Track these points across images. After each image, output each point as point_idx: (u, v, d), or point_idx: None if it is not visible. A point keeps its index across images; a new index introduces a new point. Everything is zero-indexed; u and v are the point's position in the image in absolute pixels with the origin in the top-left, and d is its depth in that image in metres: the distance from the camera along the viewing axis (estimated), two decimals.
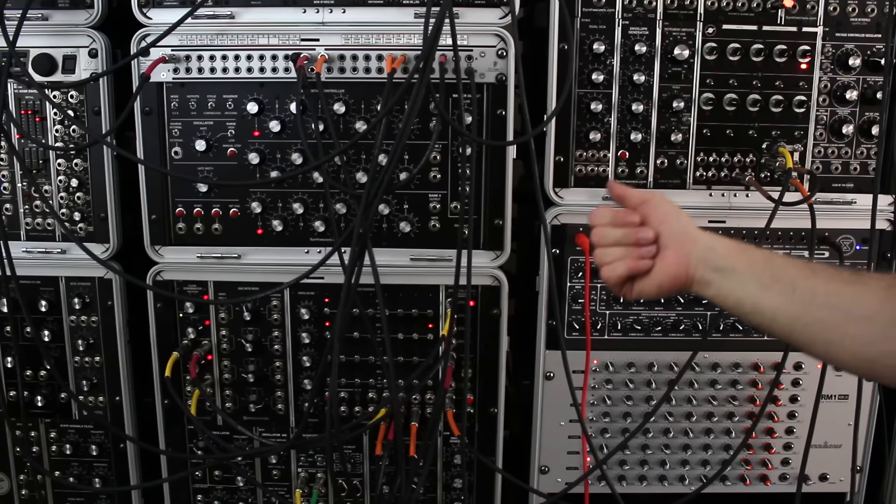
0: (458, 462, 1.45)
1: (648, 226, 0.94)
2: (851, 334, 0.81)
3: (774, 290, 0.86)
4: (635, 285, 0.95)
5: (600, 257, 0.96)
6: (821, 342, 0.84)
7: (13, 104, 1.33)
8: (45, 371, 1.42)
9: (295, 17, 1.31)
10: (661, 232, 0.94)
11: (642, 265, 0.93)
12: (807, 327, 0.85)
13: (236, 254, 1.38)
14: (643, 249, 0.93)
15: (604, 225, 0.97)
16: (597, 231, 0.97)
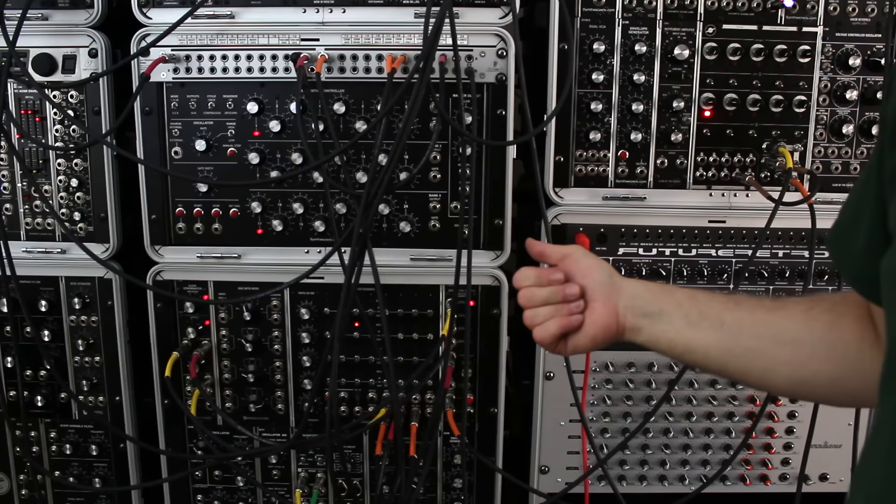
0: (458, 462, 1.45)
1: (573, 281, 0.94)
2: (782, 360, 0.84)
3: (703, 327, 0.88)
4: (569, 341, 0.95)
5: (530, 319, 0.95)
6: (755, 371, 0.86)
7: (13, 104, 1.33)
8: (45, 371, 1.42)
9: (295, 17, 1.31)
10: (585, 286, 0.94)
11: (573, 321, 0.93)
12: (739, 358, 0.86)
13: (236, 254, 1.38)
14: (572, 305, 0.93)
15: (529, 286, 0.96)
16: (522, 294, 0.96)
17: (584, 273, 0.94)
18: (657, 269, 1.39)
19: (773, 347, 0.84)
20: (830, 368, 0.82)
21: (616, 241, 1.38)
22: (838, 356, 0.81)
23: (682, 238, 1.39)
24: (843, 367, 0.81)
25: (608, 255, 1.38)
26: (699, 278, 1.39)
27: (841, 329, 0.81)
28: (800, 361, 0.83)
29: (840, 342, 0.81)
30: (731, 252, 1.39)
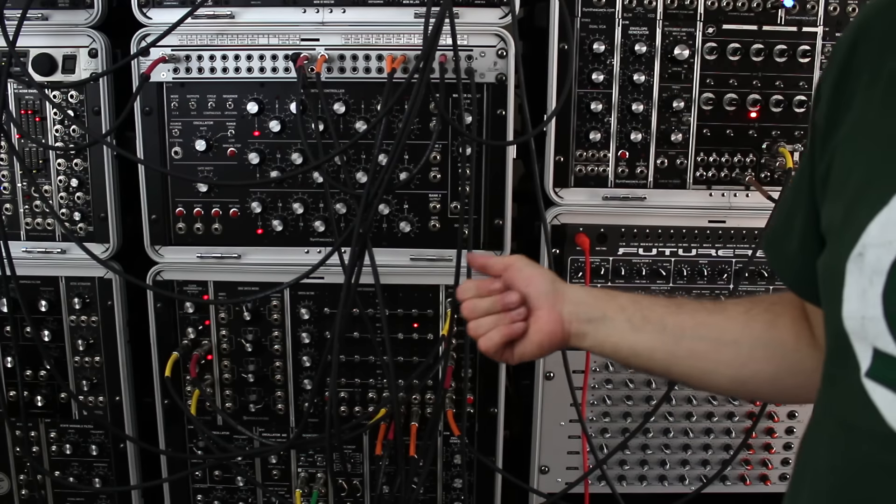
0: (458, 462, 1.45)
1: (516, 290, 0.95)
2: (723, 360, 0.86)
3: (647, 331, 0.90)
4: (515, 349, 0.96)
5: (474, 330, 0.96)
6: (697, 372, 0.89)
7: (13, 104, 1.33)
8: (45, 371, 1.42)
9: (295, 17, 1.31)
10: (529, 294, 0.95)
11: (516, 329, 0.94)
12: (682, 360, 0.89)
13: (236, 254, 1.38)
14: (513, 313, 0.94)
15: (470, 298, 0.97)
16: (465, 306, 0.97)
17: (527, 282, 0.95)
18: (657, 269, 1.39)
19: (714, 349, 0.87)
20: (770, 368, 0.84)
21: (616, 241, 1.38)
22: (777, 356, 0.84)
23: (682, 238, 1.39)
24: (782, 366, 0.84)
25: (608, 255, 1.39)
26: (699, 278, 1.39)
27: (778, 329, 0.84)
28: (740, 362, 0.85)
29: (778, 342, 0.84)
30: (731, 252, 1.39)
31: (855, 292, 0.57)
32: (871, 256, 0.56)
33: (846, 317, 0.58)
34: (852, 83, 0.65)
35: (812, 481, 0.64)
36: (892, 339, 0.55)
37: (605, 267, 1.39)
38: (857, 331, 0.57)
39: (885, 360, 0.55)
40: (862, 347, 0.57)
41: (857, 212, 0.58)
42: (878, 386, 0.56)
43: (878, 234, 0.56)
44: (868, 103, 0.62)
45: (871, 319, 0.55)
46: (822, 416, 0.63)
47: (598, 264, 1.38)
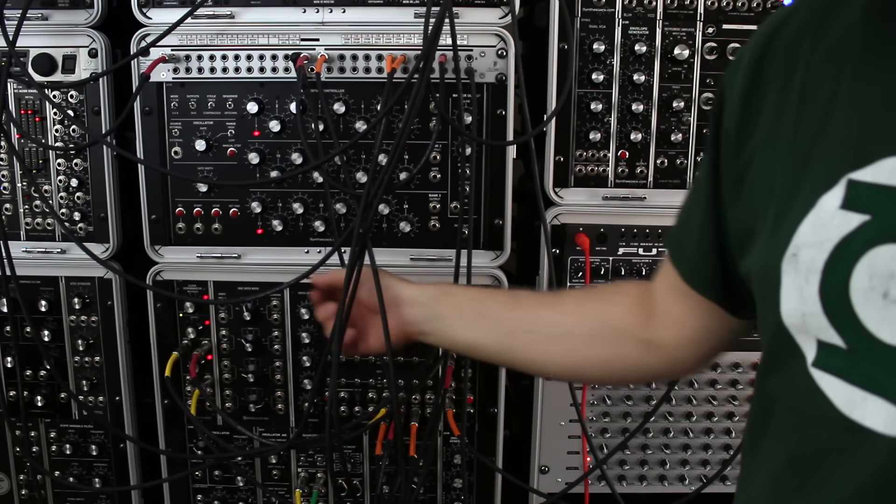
0: (458, 462, 1.45)
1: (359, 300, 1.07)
2: (556, 350, 0.95)
3: (481, 327, 0.99)
4: (359, 347, 1.09)
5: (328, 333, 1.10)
6: (532, 362, 0.98)
7: (13, 104, 1.33)
8: (45, 371, 1.42)
9: (295, 17, 1.32)
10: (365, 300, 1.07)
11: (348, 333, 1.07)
12: (518, 352, 0.98)
13: (236, 254, 1.38)
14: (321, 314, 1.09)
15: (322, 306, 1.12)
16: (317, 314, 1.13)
17: (369, 291, 1.07)
18: (657, 269, 1.39)
19: (546, 341, 0.95)
20: (599, 355, 0.93)
21: (616, 241, 1.38)
22: (607, 343, 0.92)
23: None
24: (613, 351, 0.92)
25: (608, 255, 1.39)
26: None
27: (610, 317, 0.92)
28: (571, 350, 0.94)
29: (610, 330, 0.92)
30: None
31: (792, 291, 0.60)
32: (804, 256, 0.59)
33: (785, 314, 0.61)
34: (762, 89, 0.69)
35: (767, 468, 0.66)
36: (835, 331, 0.58)
37: (605, 267, 1.39)
38: (798, 326, 0.61)
39: (830, 350, 0.58)
40: (805, 340, 0.60)
41: (787, 216, 0.62)
42: (825, 374, 0.59)
43: (809, 236, 0.59)
44: (783, 111, 0.66)
45: (812, 315, 0.59)
46: (770, 403, 0.66)
47: (598, 264, 1.38)
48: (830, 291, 0.58)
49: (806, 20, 0.67)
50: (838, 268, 0.57)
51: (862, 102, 0.60)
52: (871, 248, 0.56)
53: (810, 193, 0.60)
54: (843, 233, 0.57)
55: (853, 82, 0.61)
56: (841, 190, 0.58)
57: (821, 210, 0.59)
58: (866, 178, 0.57)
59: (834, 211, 0.58)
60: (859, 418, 0.56)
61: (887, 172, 0.56)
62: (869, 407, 0.55)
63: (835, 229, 0.58)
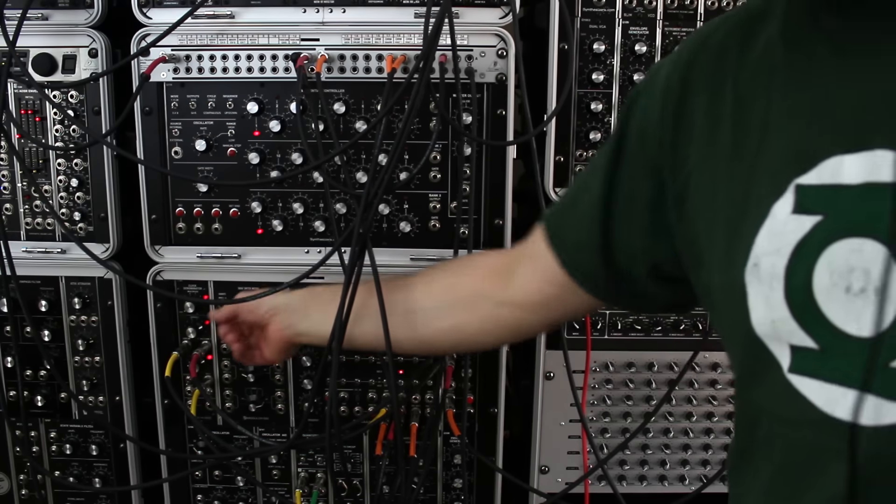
0: (458, 462, 1.45)
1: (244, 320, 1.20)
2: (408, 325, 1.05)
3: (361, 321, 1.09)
4: (255, 356, 1.21)
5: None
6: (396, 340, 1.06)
7: (13, 104, 1.33)
8: (45, 371, 1.42)
9: (295, 17, 1.31)
10: (259, 315, 1.17)
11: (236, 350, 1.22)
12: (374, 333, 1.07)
13: (236, 254, 1.38)
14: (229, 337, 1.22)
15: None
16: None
17: (251, 309, 1.18)
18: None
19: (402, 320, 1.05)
20: (448, 324, 1.02)
21: None
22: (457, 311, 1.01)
23: None
24: (463, 319, 1.01)
25: None
26: None
27: (457, 289, 1.02)
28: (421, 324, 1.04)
29: (460, 299, 1.01)
30: None
31: (759, 300, 0.62)
32: (765, 265, 0.61)
33: (756, 324, 0.62)
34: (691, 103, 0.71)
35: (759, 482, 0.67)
36: (805, 334, 0.59)
37: None
38: (769, 334, 0.62)
39: (804, 353, 0.60)
40: (778, 347, 0.62)
41: (742, 229, 0.63)
42: (802, 378, 0.60)
43: (767, 244, 0.61)
44: (716, 127, 0.68)
45: (781, 321, 0.60)
46: (756, 414, 0.67)
47: None
48: (795, 295, 0.59)
49: (729, 37, 0.70)
50: (799, 271, 0.59)
51: (797, 110, 0.62)
52: (828, 247, 0.57)
53: (762, 204, 0.62)
54: (798, 236, 0.59)
55: (784, 92, 0.64)
56: (791, 196, 0.60)
57: (774, 218, 0.61)
58: (812, 181, 0.59)
59: (787, 217, 0.60)
60: (842, 415, 0.57)
61: (831, 172, 0.58)
62: (850, 403, 0.56)
63: (790, 234, 0.59)
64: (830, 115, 0.59)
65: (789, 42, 0.64)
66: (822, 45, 0.62)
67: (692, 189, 0.71)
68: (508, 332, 1.02)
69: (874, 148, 0.56)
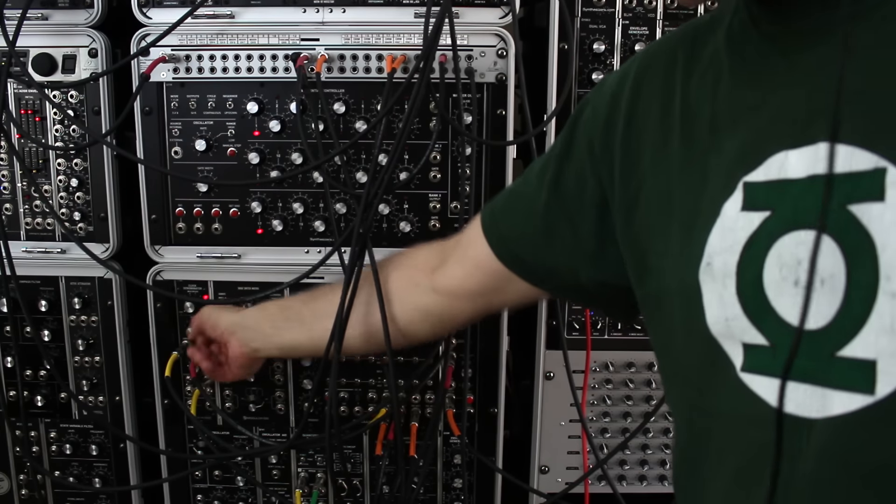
0: (458, 462, 1.45)
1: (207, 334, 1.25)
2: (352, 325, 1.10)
3: (289, 328, 1.16)
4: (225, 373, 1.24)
5: None
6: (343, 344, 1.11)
7: (13, 104, 1.33)
8: (45, 371, 1.42)
9: (295, 17, 1.31)
10: (220, 334, 1.22)
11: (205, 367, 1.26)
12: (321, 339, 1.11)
13: (236, 254, 1.38)
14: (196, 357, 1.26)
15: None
16: None
17: (213, 327, 1.23)
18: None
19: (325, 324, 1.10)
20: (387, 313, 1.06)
21: None
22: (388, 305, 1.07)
23: None
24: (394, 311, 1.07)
25: None
26: None
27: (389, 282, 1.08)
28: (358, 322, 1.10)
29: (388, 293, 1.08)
30: None
31: (713, 299, 0.63)
32: (717, 263, 0.62)
33: (711, 323, 0.63)
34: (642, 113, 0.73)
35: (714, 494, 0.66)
36: (757, 331, 0.60)
37: None
38: (723, 333, 0.63)
39: (756, 351, 0.60)
40: (731, 346, 0.62)
41: (695, 230, 0.65)
42: (755, 377, 0.60)
43: (718, 243, 0.62)
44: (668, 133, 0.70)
45: (734, 318, 0.61)
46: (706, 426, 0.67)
47: None
48: (746, 290, 0.60)
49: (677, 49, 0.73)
50: (750, 266, 0.60)
51: (742, 111, 0.64)
52: (776, 241, 0.58)
53: (713, 204, 0.63)
54: (748, 233, 0.60)
55: (731, 95, 0.66)
56: (739, 193, 0.62)
57: (725, 216, 0.62)
58: (759, 178, 0.61)
59: (737, 214, 0.61)
60: (793, 409, 0.57)
61: (777, 167, 0.59)
62: (800, 397, 0.57)
63: (741, 231, 0.61)
64: (775, 113, 0.61)
65: (734, 49, 0.68)
66: (765, 49, 0.64)
67: (644, 196, 0.72)
68: (438, 320, 1.06)
69: (817, 141, 0.57)
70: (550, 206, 0.84)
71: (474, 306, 1.01)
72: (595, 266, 0.82)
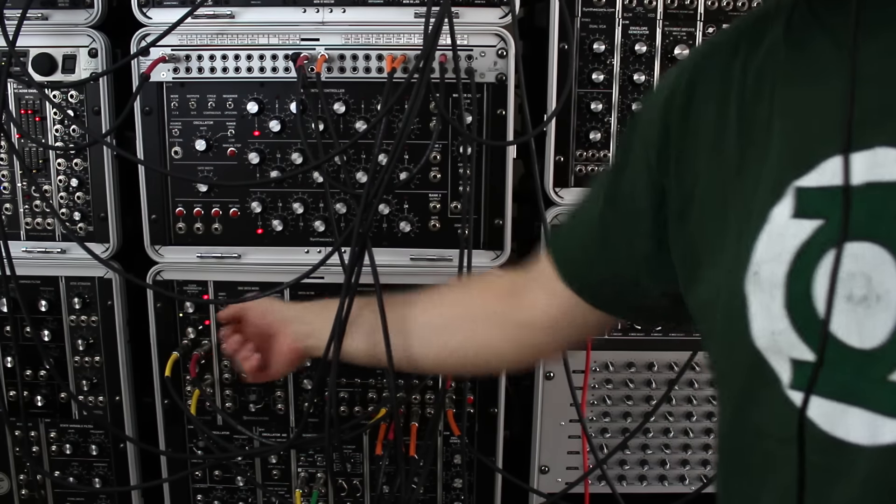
0: (458, 462, 1.45)
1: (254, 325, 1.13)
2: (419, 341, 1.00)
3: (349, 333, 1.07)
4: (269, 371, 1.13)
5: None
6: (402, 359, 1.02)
7: (13, 104, 1.33)
8: (45, 371, 1.42)
9: (295, 17, 1.31)
10: (267, 324, 1.12)
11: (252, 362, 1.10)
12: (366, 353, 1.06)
13: (236, 253, 1.38)
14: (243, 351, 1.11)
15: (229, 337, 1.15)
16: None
17: (261, 314, 1.13)
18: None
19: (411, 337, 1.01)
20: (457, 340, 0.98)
21: None
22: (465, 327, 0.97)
23: None
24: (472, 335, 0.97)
25: None
26: None
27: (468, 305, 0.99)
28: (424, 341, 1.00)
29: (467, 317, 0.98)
30: None
31: (760, 310, 0.59)
32: (765, 272, 0.58)
33: (756, 335, 0.59)
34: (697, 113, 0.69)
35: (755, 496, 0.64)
36: (805, 346, 0.56)
37: None
38: (770, 346, 0.59)
39: (805, 368, 0.56)
40: (778, 361, 0.58)
41: (743, 236, 0.61)
42: (802, 395, 0.56)
43: (766, 251, 0.59)
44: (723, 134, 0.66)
45: (781, 332, 0.57)
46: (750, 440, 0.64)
47: None
48: (795, 304, 0.56)
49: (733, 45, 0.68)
50: (799, 278, 0.56)
51: (797, 109, 0.60)
52: (829, 252, 0.54)
53: (761, 209, 0.60)
54: (798, 241, 0.57)
55: (787, 91, 0.62)
56: (790, 199, 0.58)
57: (773, 223, 0.59)
58: (811, 184, 0.57)
59: (787, 221, 0.58)
60: (843, 435, 0.54)
61: (831, 173, 0.56)
62: (850, 421, 0.54)
63: (790, 239, 0.57)
64: (831, 112, 0.56)
65: (792, 42, 0.63)
66: (825, 42, 0.60)
67: (697, 199, 0.69)
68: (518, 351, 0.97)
69: (875, 146, 0.53)
70: (605, 214, 0.80)
71: (555, 338, 0.94)
72: (654, 272, 0.77)
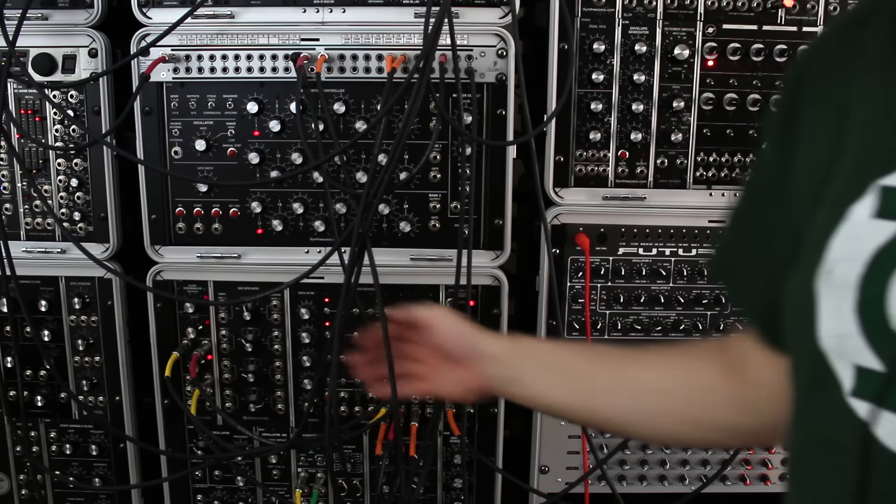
0: (458, 462, 1.45)
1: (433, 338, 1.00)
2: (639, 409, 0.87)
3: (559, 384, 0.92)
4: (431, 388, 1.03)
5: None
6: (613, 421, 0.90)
7: (13, 104, 1.33)
8: (45, 371, 1.42)
9: (295, 17, 1.31)
10: (447, 347, 0.99)
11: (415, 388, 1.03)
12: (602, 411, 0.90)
13: (236, 254, 1.38)
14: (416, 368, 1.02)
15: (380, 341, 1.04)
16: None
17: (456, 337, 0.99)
18: (657, 269, 1.39)
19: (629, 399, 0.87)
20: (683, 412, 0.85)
21: (616, 241, 1.38)
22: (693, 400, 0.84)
23: (682, 238, 1.39)
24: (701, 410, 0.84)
25: (608, 255, 1.39)
26: (699, 278, 1.39)
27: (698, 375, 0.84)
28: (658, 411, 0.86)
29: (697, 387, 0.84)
30: None
31: (829, 311, 0.56)
32: (839, 272, 0.55)
33: (823, 336, 0.57)
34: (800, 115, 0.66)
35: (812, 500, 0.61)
36: (872, 354, 0.53)
37: (605, 267, 1.39)
38: (835, 349, 0.56)
39: (869, 376, 0.54)
40: (842, 366, 0.56)
41: (820, 231, 0.58)
42: (864, 404, 0.54)
43: (841, 249, 0.56)
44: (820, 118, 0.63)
45: (847, 336, 0.54)
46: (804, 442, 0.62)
47: (598, 264, 1.38)
48: (866, 308, 0.53)
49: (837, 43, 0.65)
50: (874, 282, 0.53)
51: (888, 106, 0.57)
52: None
53: (839, 205, 0.57)
54: (877, 243, 0.53)
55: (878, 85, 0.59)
56: (871, 198, 0.55)
57: (852, 221, 0.55)
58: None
59: (866, 221, 0.54)
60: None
61: None
62: None
63: (869, 240, 0.54)
64: None
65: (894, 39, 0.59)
66: None
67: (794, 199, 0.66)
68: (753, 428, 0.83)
69: None
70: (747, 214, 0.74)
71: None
72: None
